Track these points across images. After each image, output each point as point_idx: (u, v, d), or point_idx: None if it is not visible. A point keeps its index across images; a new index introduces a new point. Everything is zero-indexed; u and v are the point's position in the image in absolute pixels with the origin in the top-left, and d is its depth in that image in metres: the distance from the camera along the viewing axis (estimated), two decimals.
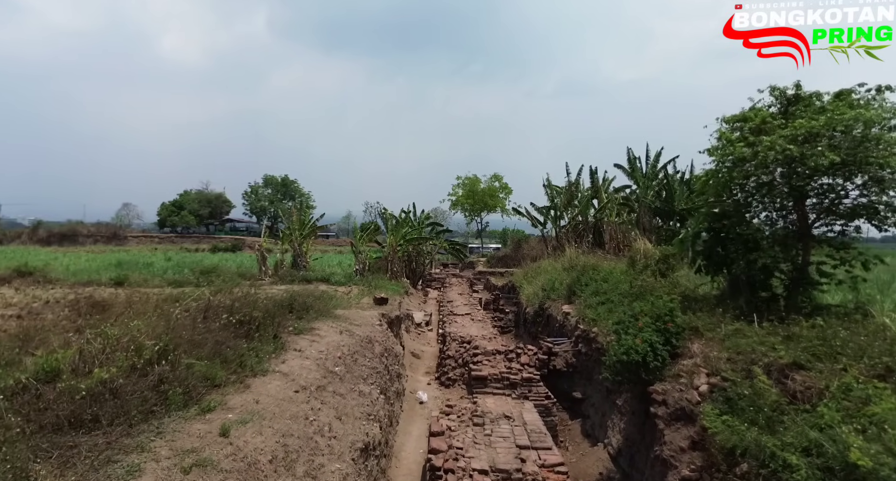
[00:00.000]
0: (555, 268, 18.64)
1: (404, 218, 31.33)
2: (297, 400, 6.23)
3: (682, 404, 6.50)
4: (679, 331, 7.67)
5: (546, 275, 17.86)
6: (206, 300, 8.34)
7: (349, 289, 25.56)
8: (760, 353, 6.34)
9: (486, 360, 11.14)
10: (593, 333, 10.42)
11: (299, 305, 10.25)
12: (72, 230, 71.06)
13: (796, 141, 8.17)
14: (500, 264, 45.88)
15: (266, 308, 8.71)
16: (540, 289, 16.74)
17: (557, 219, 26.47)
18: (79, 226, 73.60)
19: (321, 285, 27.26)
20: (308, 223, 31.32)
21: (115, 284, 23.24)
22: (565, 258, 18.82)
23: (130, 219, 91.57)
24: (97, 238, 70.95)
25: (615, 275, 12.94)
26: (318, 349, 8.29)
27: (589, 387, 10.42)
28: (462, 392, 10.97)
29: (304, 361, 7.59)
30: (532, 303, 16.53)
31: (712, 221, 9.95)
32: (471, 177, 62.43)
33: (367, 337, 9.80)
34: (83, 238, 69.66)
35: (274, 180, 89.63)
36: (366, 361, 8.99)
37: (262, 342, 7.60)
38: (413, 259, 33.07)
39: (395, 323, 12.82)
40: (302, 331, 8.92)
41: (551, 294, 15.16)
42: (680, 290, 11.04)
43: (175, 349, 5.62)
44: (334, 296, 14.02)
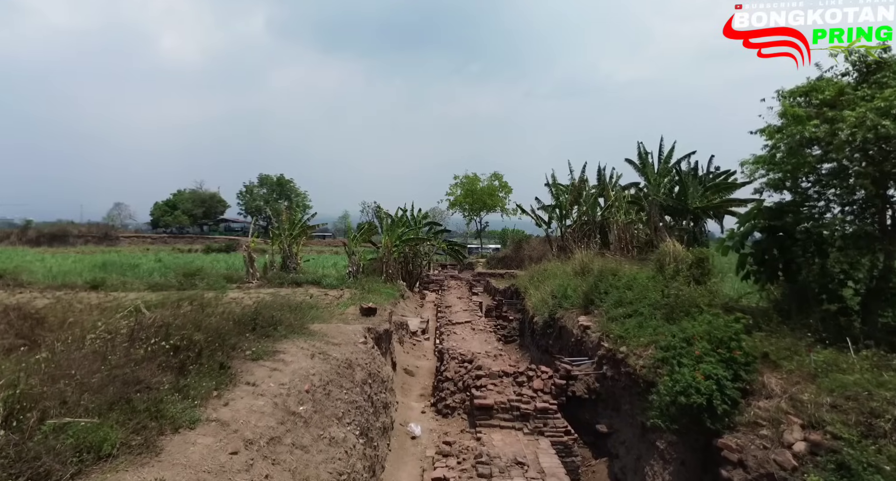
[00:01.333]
0: (564, 271, 16.83)
1: (400, 217, 29.41)
2: (231, 467, 4.40)
3: (768, 469, 4.69)
4: (749, 360, 5.85)
5: (555, 280, 16.05)
6: (136, 319, 6.48)
7: (341, 293, 23.76)
8: (883, 400, 4.52)
9: (492, 384, 9.32)
10: (621, 353, 8.60)
11: (265, 320, 8.41)
12: (62, 230, 69.66)
13: (889, 115, 6.38)
14: (500, 265, 44.13)
15: (217, 327, 6.86)
16: (549, 296, 14.92)
17: (563, 219, 24.60)
18: (69, 227, 72.20)
19: (311, 288, 25.46)
20: (298, 222, 29.44)
21: (90, 288, 21.45)
22: (575, 260, 17.01)
23: (123, 219, 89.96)
24: (88, 238, 69.62)
25: (640, 282, 11.12)
26: (280, 381, 6.45)
27: (616, 419, 8.60)
28: (463, 423, 9.15)
29: (255, 401, 5.76)
30: (540, 312, 14.70)
31: (769, 218, 8.14)
32: (469, 176, 60.59)
33: (347, 360, 7.96)
34: (74, 238, 68.33)
35: (269, 180, 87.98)
36: (342, 394, 7.16)
37: (200, 376, 5.77)
38: (410, 260, 31.16)
39: (385, 338, 10.99)
40: (262, 356, 7.08)
41: (563, 302, 13.33)
42: (721, 301, 9.24)
43: (36, 404, 3.78)
44: (316, 305, 12.19)
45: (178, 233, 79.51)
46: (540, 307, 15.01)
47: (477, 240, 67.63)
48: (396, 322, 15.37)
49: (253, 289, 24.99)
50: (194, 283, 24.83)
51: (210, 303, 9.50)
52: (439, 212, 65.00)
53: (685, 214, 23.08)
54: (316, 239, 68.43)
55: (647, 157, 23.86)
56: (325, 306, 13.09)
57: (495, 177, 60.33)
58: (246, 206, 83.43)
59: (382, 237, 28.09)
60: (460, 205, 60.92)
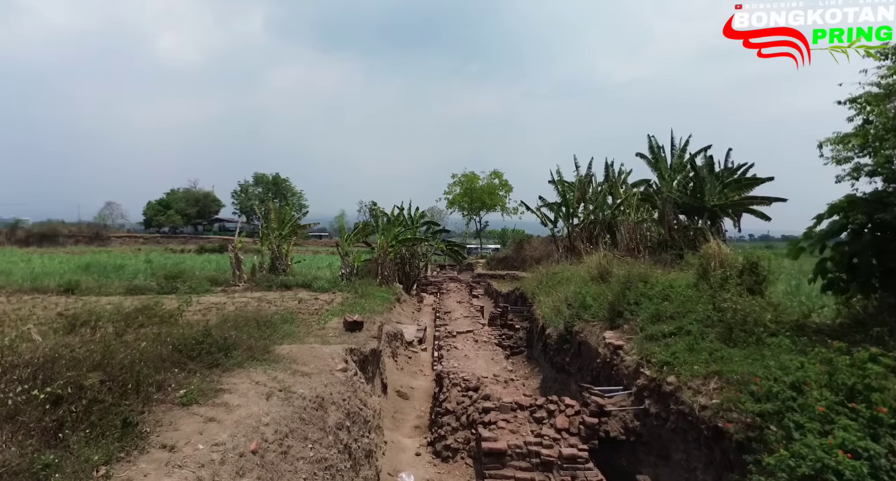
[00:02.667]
0: (578, 275, 14.95)
1: (397, 216, 27.49)
2: None
3: None
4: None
5: (569, 286, 14.18)
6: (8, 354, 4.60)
7: (332, 296, 21.89)
8: None
9: (503, 421, 7.45)
10: (669, 385, 6.74)
11: (216, 343, 6.52)
12: (52, 230, 68.23)
13: None
14: (500, 266, 42.31)
15: (132, 361, 4.97)
16: (563, 304, 13.05)
17: (570, 217, 22.71)
18: (60, 226, 70.79)
19: (301, 291, 23.58)
20: (288, 221, 27.55)
21: (63, 292, 19.57)
22: (591, 263, 15.15)
23: (115, 219, 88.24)
24: (79, 238, 68.33)
25: (679, 291, 9.26)
26: (215, 438, 4.57)
27: (664, 469, 6.74)
28: (467, 471, 7.30)
29: (166, 479, 3.89)
30: (553, 323, 12.81)
31: (866, 211, 6.29)
32: (468, 175, 58.65)
33: (317, 397, 6.08)
34: (64, 238, 67.05)
35: (265, 178, 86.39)
36: (306, 449, 5.29)
37: (86, 441, 3.91)
38: (407, 261, 29.25)
39: (372, 359, 9.11)
40: (197, 399, 5.20)
41: (582, 312, 11.45)
42: (790, 318, 7.39)
43: None
44: (291, 319, 10.33)
45: (171, 233, 78.03)
46: (552, 317, 13.14)
47: (476, 240, 65.72)
48: (390, 332, 13.52)
49: (238, 293, 23.10)
50: (176, 286, 23.07)
51: (166, 316, 7.66)
52: (437, 212, 63.14)
53: (701, 212, 21.30)
54: (312, 239, 66.76)
55: (660, 151, 22.05)
56: (302, 320, 11.22)
57: (495, 175, 58.49)
58: (241, 206, 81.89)
59: (378, 237, 26.19)
60: (459, 204, 58.99)
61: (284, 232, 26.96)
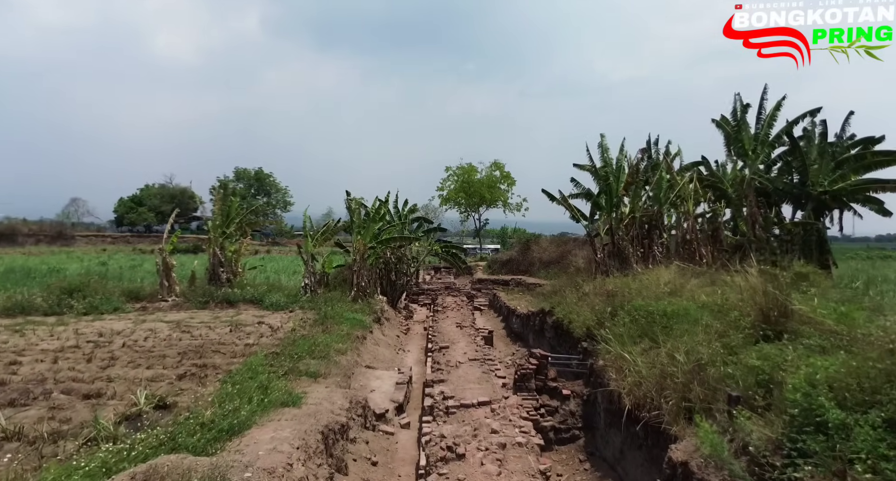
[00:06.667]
0: (712, 311, 7.92)
1: (377, 209, 21.17)
2: None
3: None
4: None
5: (695, 332, 7.10)
6: None
7: (289, 315, 15.80)
8: None
9: None
10: None
11: None
12: (10, 229, 62.46)
13: None
14: (504, 270, 36.43)
15: None
16: (683, 372, 6.48)
17: (613, 210, 16.53)
18: (18, 225, 64.93)
19: (247, 310, 17.39)
20: (236, 216, 21.32)
21: None
22: (724, 286, 8.98)
23: (80, 216, 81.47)
24: (40, 238, 62.70)
25: None
26: None
27: None
28: None
29: None
30: (674, 419, 6.06)
31: None
32: (464, 167, 52.19)
33: None
34: (23, 238, 61.45)
35: (247, 173, 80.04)
36: None
37: None
38: (392, 267, 23.08)
39: None
40: None
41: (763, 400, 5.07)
42: None
43: None
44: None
45: (146, 231, 71.97)
46: (652, 393, 6.71)
47: (475, 239, 59.35)
48: (353, 400, 7.43)
49: (164, 310, 16.98)
50: (71, 304, 17.09)
51: None
52: (432, 210, 56.57)
53: (804, 202, 15.22)
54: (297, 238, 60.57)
55: (744, 116, 15.97)
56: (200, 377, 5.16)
57: (496, 166, 52.16)
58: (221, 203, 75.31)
59: (353, 237, 19.99)
60: (454, 200, 52.52)
61: (229, 229, 20.53)
